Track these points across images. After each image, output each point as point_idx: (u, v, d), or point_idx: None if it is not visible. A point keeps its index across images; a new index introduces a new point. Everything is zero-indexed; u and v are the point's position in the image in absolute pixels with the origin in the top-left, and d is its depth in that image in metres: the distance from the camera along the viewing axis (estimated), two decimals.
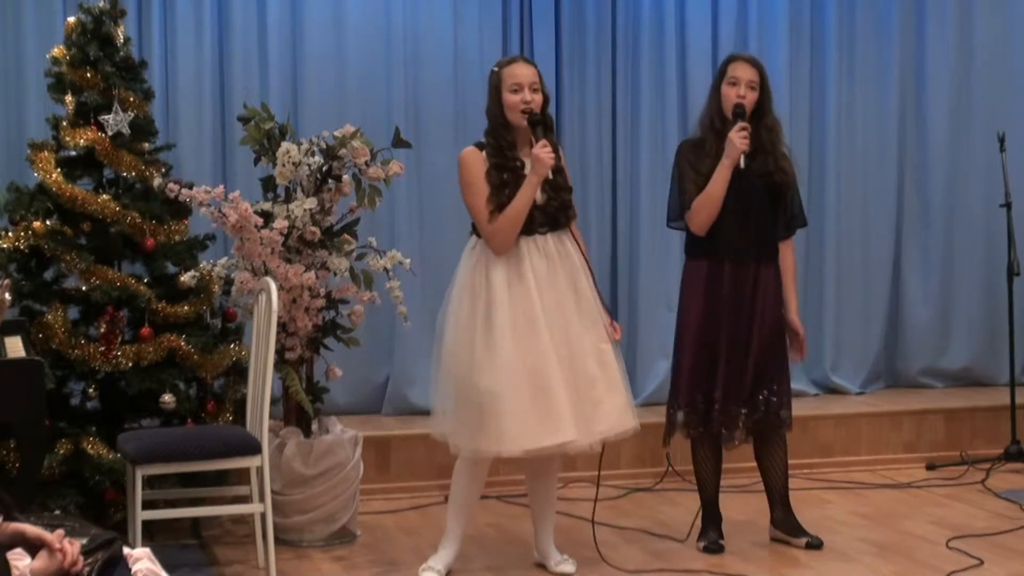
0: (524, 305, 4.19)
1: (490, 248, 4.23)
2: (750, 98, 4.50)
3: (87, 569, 2.64)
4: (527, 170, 4.22)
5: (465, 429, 4.20)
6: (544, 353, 4.15)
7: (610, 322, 4.34)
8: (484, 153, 4.28)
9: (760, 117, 4.55)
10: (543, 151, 4.16)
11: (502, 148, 4.27)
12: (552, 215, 4.28)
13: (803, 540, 4.65)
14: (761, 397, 4.56)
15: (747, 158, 4.46)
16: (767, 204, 4.57)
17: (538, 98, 4.25)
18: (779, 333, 4.61)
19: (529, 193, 4.19)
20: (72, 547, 2.62)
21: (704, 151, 4.55)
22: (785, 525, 4.71)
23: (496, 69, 4.32)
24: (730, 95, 4.50)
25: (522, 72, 4.25)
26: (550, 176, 4.21)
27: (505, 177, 4.23)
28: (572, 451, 4.25)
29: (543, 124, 4.25)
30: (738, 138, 4.43)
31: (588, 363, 4.23)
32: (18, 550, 2.64)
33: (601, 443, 4.27)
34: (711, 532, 4.67)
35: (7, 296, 2.89)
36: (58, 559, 2.59)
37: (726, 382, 4.53)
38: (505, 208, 4.19)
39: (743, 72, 4.51)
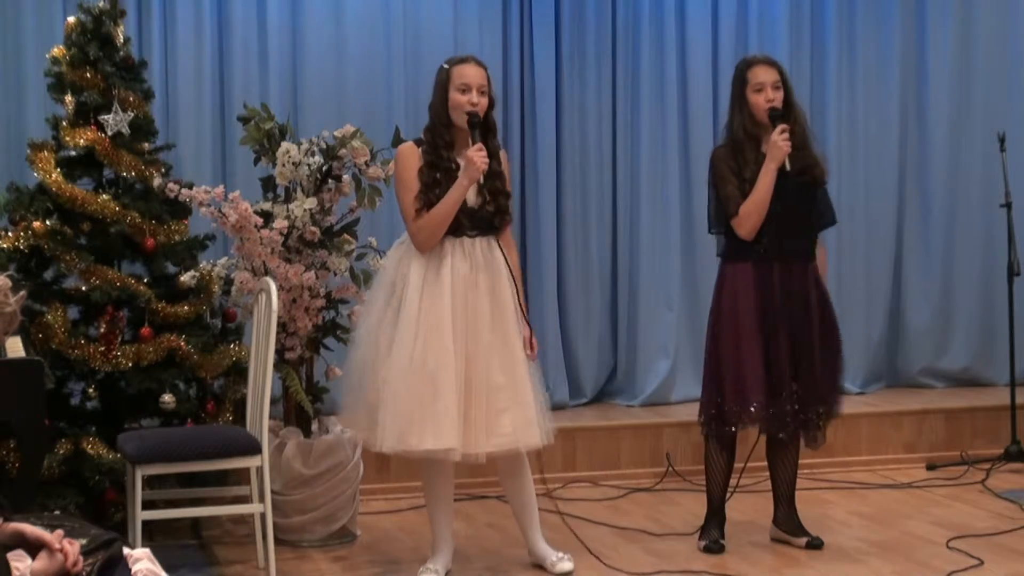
0: (434, 305, 4.16)
1: (413, 245, 4.24)
2: (778, 98, 4.49)
3: (87, 569, 2.64)
4: (461, 172, 4.20)
5: (361, 421, 4.24)
6: (444, 356, 4.12)
7: (529, 336, 4.28)
8: (420, 150, 4.28)
9: (791, 115, 4.53)
10: (477, 154, 4.12)
11: (438, 147, 4.25)
12: (483, 219, 4.25)
13: (803, 540, 4.65)
14: (836, 394, 4.57)
15: (789, 158, 4.46)
16: (807, 201, 4.56)
17: (484, 101, 4.22)
18: (834, 327, 4.61)
19: (457, 195, 4.16)
20: (72, 547, 2.62)
21: (744, 157, 4.51)
22: (787, 523, 4.71)
23: (446, 66, 4.29)
24: (759, 102, 4.49)
25: (472, 73, 4.23)
26: (482, 180, 4.17)
27: (437, 176, 4.21)
28: (454, 459, 4.17)
29: (482, 127, 4.21)
30: (781, 140, 4.42)
31: (493, 372, 4.17)
32: (19, 551, 2.63)
33: (491, 455, 4.20)
34: (713, 531, 4.66)
35: (17, 309, 2.89)
36: (58, 559, 2.58)
37: (801, 384, 4.49)
38: (432, 207, 4.18)
39: (766, 75, 4.50)
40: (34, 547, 2.63)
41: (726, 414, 4.52)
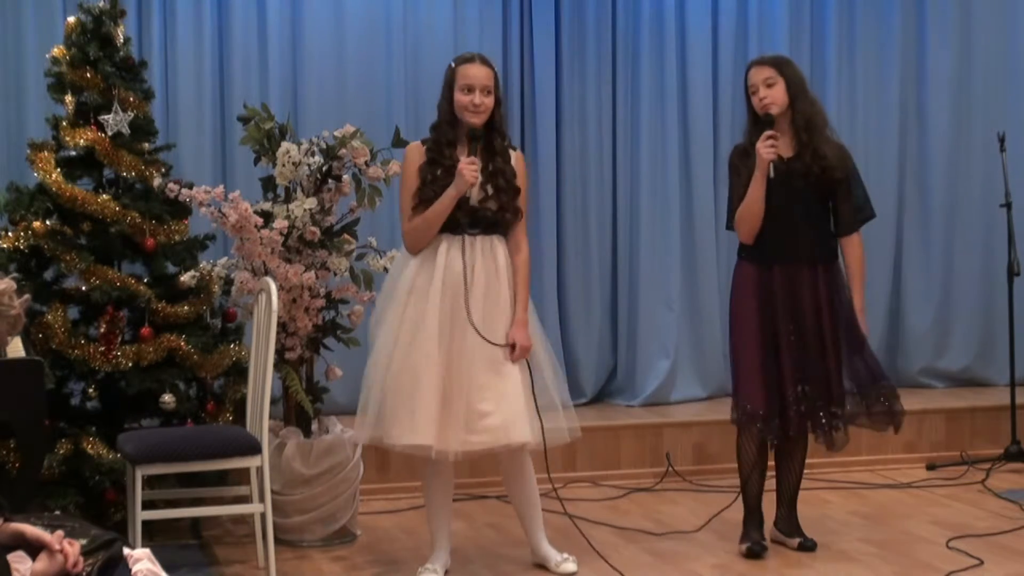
0: (421, 303, 4.18)
1: (404, 246, 4.27)
2: (771, 95, 4.45)
3: (87, 570, 2.64)
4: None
5: (359, 418, 4.29)
6: (425, 353, 4.13)
7: (514, 338, 4.18)
8: (425, 147, 4.29)
9: (794, 111, 4.47)
10: (468, 167, 4.13)
11: (441, 145, 4.26)
12: (484, 218, 4.24)
13: (796, 541, 4.63)
14: (877, 391, 4.51)
15: (776, 164, 4.40)
16: (817, 202, 4.50)
17: (488, 101, 4.21)
18: (852, 327, 4.49)
19: (445, 204, 4.16)
20: (72, 548, 2.62)
21: (749, 157, 4.49)
22: (784, 523, 4.69)
23: (452, 65, 4.30)
24: (755, 103, 4.48)
25: (475, 73, 4.22)
26: (481, 180, 4.17)
27: (437, 173, 4.22)
28: (435, 457, 4.15)
29: (485, 133, 4.22)
30: (763, 148, 4.39)
31: (477, 371, 4.14)
32: (20, 552, 2.64)
33: (470, 453, 4.20)
34: (753, 533, 4.58)
35: (22, 312, 2.90)
36: (59, 560, 2.59)
37: (811, 385, 4.45)
38: (428, 204, 4.18)
39: (756, 76, 4.48)
40: (34, 548, 2.63)
41: (744, 415, 4.51)
